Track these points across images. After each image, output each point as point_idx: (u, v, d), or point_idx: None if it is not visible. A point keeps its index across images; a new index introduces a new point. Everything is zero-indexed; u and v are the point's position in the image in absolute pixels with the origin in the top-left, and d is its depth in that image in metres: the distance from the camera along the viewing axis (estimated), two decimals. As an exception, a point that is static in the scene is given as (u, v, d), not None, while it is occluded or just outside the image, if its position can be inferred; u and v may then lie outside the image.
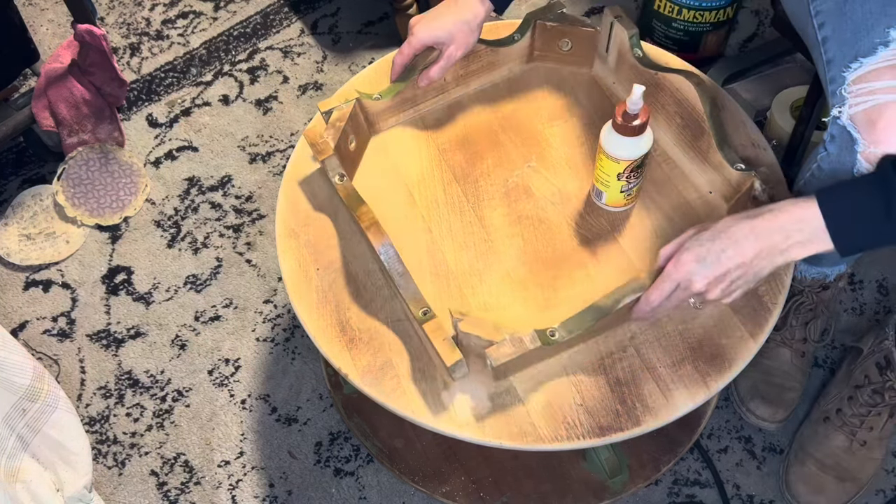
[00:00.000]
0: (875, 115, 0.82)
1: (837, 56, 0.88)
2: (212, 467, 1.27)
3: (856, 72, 0.85)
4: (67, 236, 1.50)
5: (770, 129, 1.47)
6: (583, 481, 1.17)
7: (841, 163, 0.87)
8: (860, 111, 0.83)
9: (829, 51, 0.90)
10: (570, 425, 0.88)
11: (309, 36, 1.74)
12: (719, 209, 1.01)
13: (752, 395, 1.23)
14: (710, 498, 1.21)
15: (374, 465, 1.25)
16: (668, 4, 1.52)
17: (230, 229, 1.50)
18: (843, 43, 0.88)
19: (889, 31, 0.84)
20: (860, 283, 1.37)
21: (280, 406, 1.32)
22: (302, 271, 0.99)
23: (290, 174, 1.07)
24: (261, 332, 1.39)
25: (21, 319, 1.43)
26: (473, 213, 1.04)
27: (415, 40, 1.04)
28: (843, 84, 0.85)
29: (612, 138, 0.94)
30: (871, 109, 0.82)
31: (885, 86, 0.82)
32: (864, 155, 0.83)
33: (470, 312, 0.96)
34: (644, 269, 0.97)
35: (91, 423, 1.32)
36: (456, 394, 0.90)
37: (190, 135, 1.62)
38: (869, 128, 0.82)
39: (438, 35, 1.04)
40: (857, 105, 0.84)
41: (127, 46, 1.75)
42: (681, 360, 0.91)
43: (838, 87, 0.86)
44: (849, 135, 0.84)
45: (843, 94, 0.85)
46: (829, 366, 1.30)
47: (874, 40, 0.85)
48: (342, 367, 0.92)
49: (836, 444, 1.18)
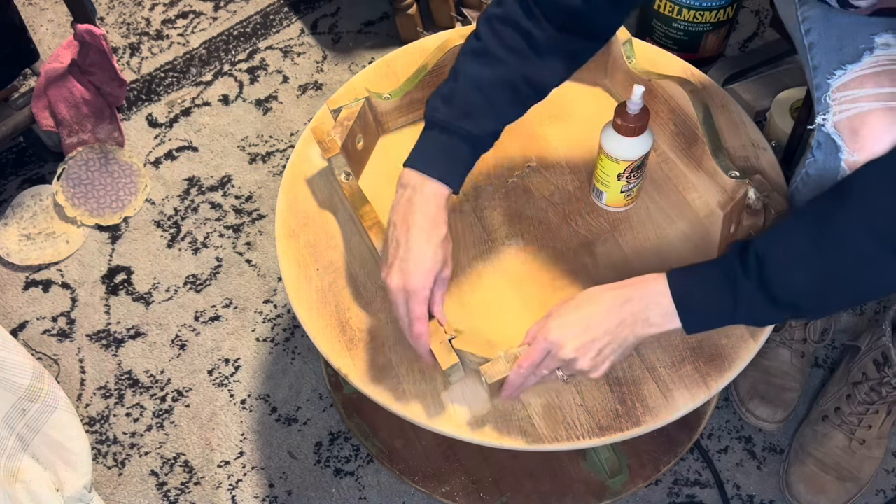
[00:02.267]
0: (857, 124, 0.82)
1: (823, 63, 0.88)
2: (212, 467, 1.27)
3: (839, 79, 0.85)
4: (67, 236, 1.50)
5: (770, 130, 1.47)
6: (583, 481, 1.17)
7: (826, 169, 0.87)
8: (843, 119, 0.83)
9: (814, 57, 0.90)
10: (570, 425, 0.88)
11: (309, 36, 1.74)
12: (716, 214, 1.01)
13: (752, 396, 1.23)
14: (710, 498, 1.21)
15: (374, 465, 1.25)
16: (669, 4, 1.52)
17: (230, 229, 1.50)
18: (829, 50, 0.88)
19: (873, 39, 0.84)
20: (860, 283, 1.37)
21: (280, 406, 1.32)
22: (302, 271, 0.99)
23: (290, 174, 1.07)
24: (261, 332, 1.39)
25: (21, 319, 1.43)
26: (473, 213, 1.04)
27: (419, 297, 0.84)
28: (828, 91, 0.85)
29: (613, 139, 0.94)
30: (853, 117, 0.82)
31: (867, 93, 0.82)
32: (847, 163, 0.83)
33: (470, 312, 0.96)
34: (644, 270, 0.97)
35: (91, 423, 1.32)
36: (456, 394, 0.90)
37: (190, 135, 1.62)
38: (852, 136, 0.82)
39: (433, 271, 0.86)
40: (840, 113, 0.84)
41: (127, 46, 1.75)
42: (681, 360, 0.91)
43: (823, 93, 0.86)
44: (833, 142, 0.84)
45: (827, 101, 0.85)
46: (829, 366, 1.30)
47: (859, 47, 0.85)
48: (342, 367, 0.92)
49: (836, 443, 1.18)
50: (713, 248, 0.99)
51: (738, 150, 1.04)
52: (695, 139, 1.01)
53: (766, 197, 0.93)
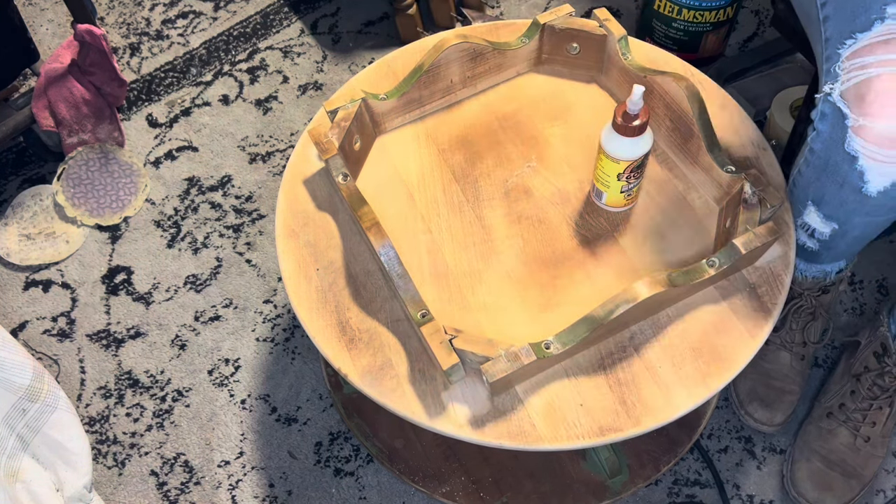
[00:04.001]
0: (864, 89, 0.82)
1: (835, 34, 0.88)
2: (212, 467, 1.27)
3: (850, 48, 0.85)
4: (67, 236, 1.50)
5: (770, 129, 1.47)
6: (583, 481, 1.17)
7: (832, 140, 0.87)
8: (851, 86, 0.83)
9: (828, 29, 0.90)
10: (570, 425, 0.88)
11: (309, 36, 1.74)
12: (714, 210, 1.01)
13: (751, 399, 1.23)
14: (710, 498, 1.21)
15: (374, 465, 1.25)
16: (668, 4, 1.52)
17: (230, 229, 1.50)
18: (842, 21, 0.88)
19: (885, 9, 0.84)
20: (860, 283, 1.37)
21: (280, 406, 1.32)
22: (302, 271, 0.99)
23: (289, 174, 1.07)
24: (261, 332, 1.39)
25: (21, 319, 1.43)
26: (473, 214, 1.04)
27: None
28: (839, 61, 0.86)
29: (612, 139, 0.94)
30: (860, 83, 0.82)
31: (877, 59, 0.82)
32: (854, 129, 0.83)
33: (470, 313, 0.96)
34: (644, 270, 0.98)
35: (91, 423, 1.32)
36: (456, 394, 0.90)
37: (190, 135, 1.62)
38: (858, 102, 0.82)
39: None
40: (848, 80, 0.84)
41: (127, 46, 1.75)
42: (681, 360, 0.91)
43: (833, 64, 0.86)
44: (839, 111, 0.84)
45: (836, 70, 0.85)
46: (829, 366, 1.30)
47: (871, 16, 0.85)
48: (342, 367, 0.92)
49: (841, 440, 1.18)
50: (711, 246, 0.99)
51: (737, 150, 1.04)
52: (690, 135, 1.01)
53: (762, 191, 0.93)
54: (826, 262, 1.17)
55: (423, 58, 1.08)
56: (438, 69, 1.08)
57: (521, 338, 0.92)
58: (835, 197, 0.95)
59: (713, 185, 1.01)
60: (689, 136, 1.01)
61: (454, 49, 1.07)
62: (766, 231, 0.91)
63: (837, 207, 0.96)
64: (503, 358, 0.85)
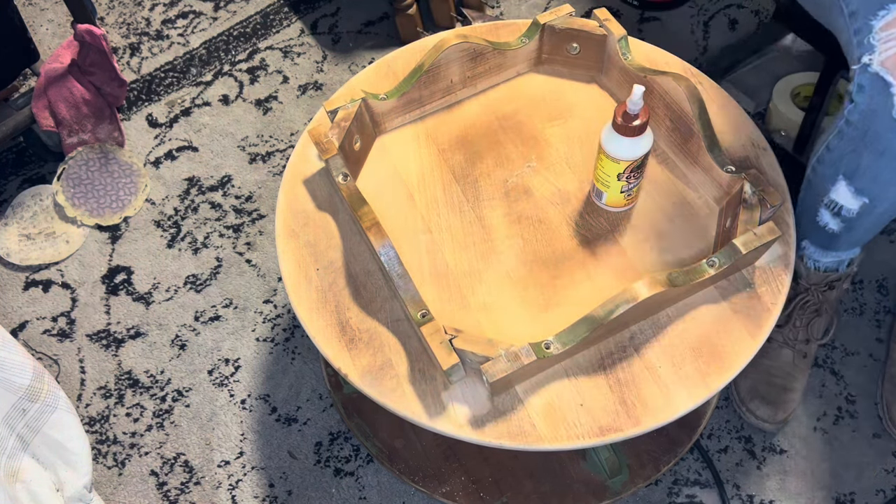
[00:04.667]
0: None
1: (861, 7, 0.90)
2: (212, 467, 1.27)
3: (884, 18, 0.87)
4: (67, 236, 1.50)
5: (774, 119, 1.45)
6: (583, 481, 1.17)
7: (873, 110, 0.88)
8: (892, 55, 0.85)
9: (850, 3, 0.92)
10: (570, 425, 0.88)
11: (309, 36, 1.74)
12: (714, 211, 1.01)
13: (752, 396, 1.23)
14: (710, 498, 1.21)
15: (374, 465, 1.25)
16: None
17: (230, 229, 1.50)
18: None
19: None
20: (860, 283, 1.37)
21: (280, 406, 1.32)
22: (302, 271, 0.99)
23: (289, 174, 1.07)
24: (261, 332, 1.39)
25: (21, 319, 1.43)
26: (473, 214, 1.04)
27: None
28: (871, 32, 0.87)
29: (612, 139, 0.94)
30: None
31: None
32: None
33: (469, 313, 0.96)
34: (644, 270, 0.98)
35: (91, 423, 1.32)
36: (456, 394, 0.90)
37: (190, 135, 1.62)
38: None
39: None
40: (887, 50, 0.85)
41: (127, 46, 1.75)
42: (681, 360, 0.91)
43: (865, 36, 0.88)
44: (882, 80, 0.86)
45: (871, 42, 0.87)
46: (829, 366, 1.30)
47: None
48: (342, 367, 0.92)
49: None
50: (711, 246, 0.99)
51: (737, 150, 1.04)
52: (690, 135, 1.01)
53: (762, 191, 0.93)
54: (843, 248, 1.16)
55: (423, 58, 1.08)
56: (438, 69, 1.08)
57: (521, 338, 0.92)
58: (871, 167, 0.96)
59: (713, 185, 1.01)
60: (689, 136, 1.01)
61: (454, 49, 1.07)
62: (766, 231, 0.91)
63: (872, 180, 0.97)
64: (503, 358, 0.85)
